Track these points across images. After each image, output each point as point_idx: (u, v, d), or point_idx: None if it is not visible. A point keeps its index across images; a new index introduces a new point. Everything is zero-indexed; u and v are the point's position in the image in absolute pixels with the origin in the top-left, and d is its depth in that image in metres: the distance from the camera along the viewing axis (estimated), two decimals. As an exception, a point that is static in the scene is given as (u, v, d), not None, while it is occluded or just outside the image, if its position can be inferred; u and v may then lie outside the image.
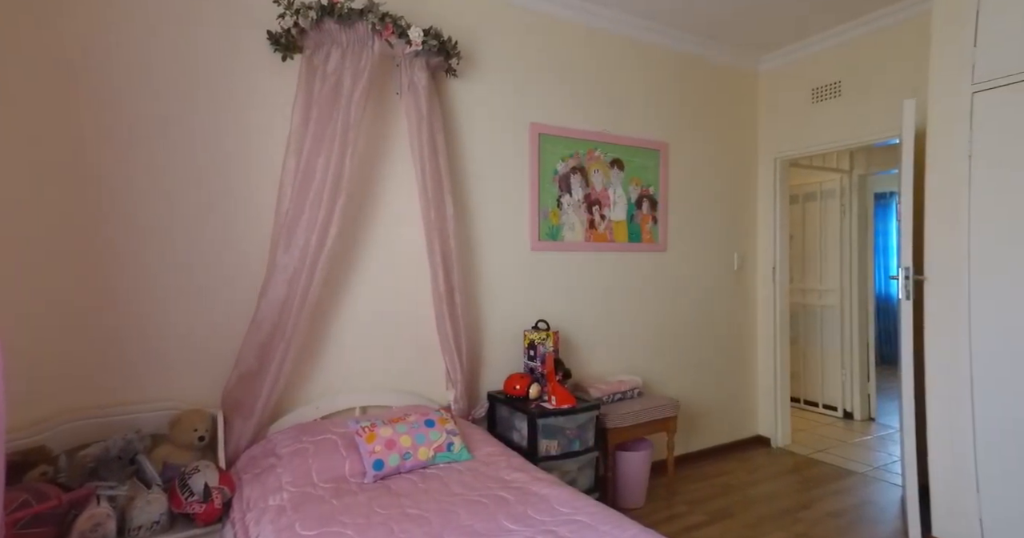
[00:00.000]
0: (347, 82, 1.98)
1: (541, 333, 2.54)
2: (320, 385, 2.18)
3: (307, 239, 1.97)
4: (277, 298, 1.93)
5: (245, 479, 1.69)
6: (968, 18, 2.16)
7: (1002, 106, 2.08)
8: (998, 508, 2.10)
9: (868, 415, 4.11)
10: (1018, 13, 2.03)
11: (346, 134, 1.98)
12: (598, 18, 2.88)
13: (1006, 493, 2.07)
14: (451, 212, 2.30)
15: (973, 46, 2.15)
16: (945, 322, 2.23)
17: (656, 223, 3.15)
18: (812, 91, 3.31)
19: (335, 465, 1.74)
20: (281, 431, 1.96)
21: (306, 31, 1.94)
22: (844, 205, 4.23)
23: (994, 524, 2.10)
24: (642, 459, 2.64)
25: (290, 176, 1.97)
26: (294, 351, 1.98)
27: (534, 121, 2.72)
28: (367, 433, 1.80)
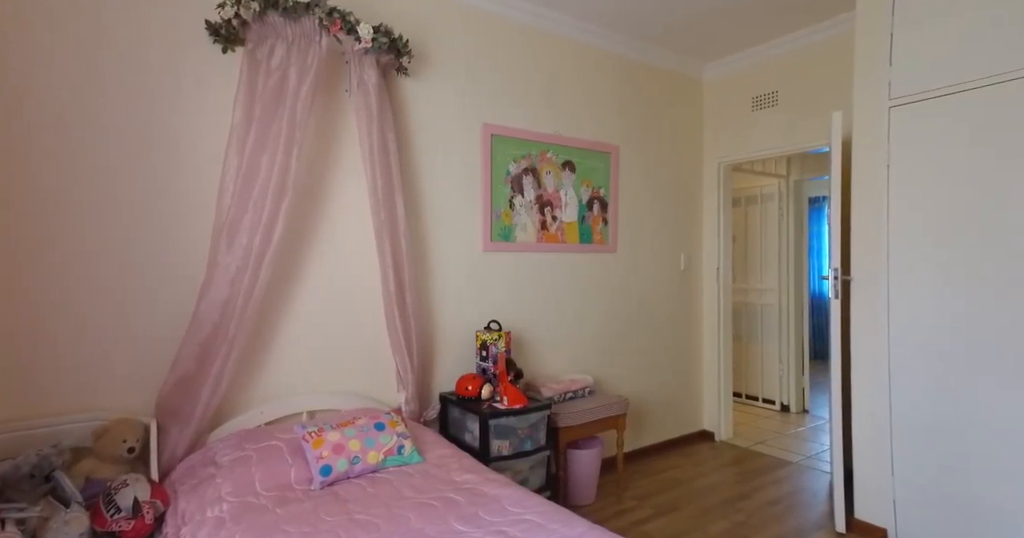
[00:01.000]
0: (293, 78, 1.92)
1: (493, 334, 2.55)
2: (265, 389, 2.11)
3: (251, 238, 1.89)
4: (218, 299, 1.85)
5: (181, 491, 1.61)
6: (883, 39, 2.33)
7: (913, 121, 2.25)
8: (908, 489, 2.27)
9: (803, 407, 4.35)
10: (923, 37, 2.21)
11: (292, 132, 1.92)
12: (549, 21, 2.92)
13: (915, 475, 2.25)
14: (402, 212, 2.28)
15: (888, 65, 2.31)
16: (868, 319, 2.40)
17: (607, 224, 3.22)
18: (752, 99, 3.47)
19: (280, 472, 1.68)
20: (222, 439, 1.87)
21: (248, 23, 1.87)
22: (782, 209, 4.46)
23: (904, 504, 2.28)
24: (593, 457, 2.69)
25: (232, 174, 1.89)
26: (237, 353, 1.90)
27: (486, 122, 2.72)
28: (314, 438, 1.75)
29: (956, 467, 2.13)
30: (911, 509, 2.26)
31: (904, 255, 2.28)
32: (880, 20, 2.34)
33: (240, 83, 1.91)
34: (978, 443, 2.08)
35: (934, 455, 2.19)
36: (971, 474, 2.09)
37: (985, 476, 2.06)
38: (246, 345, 1.98)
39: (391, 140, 2.24)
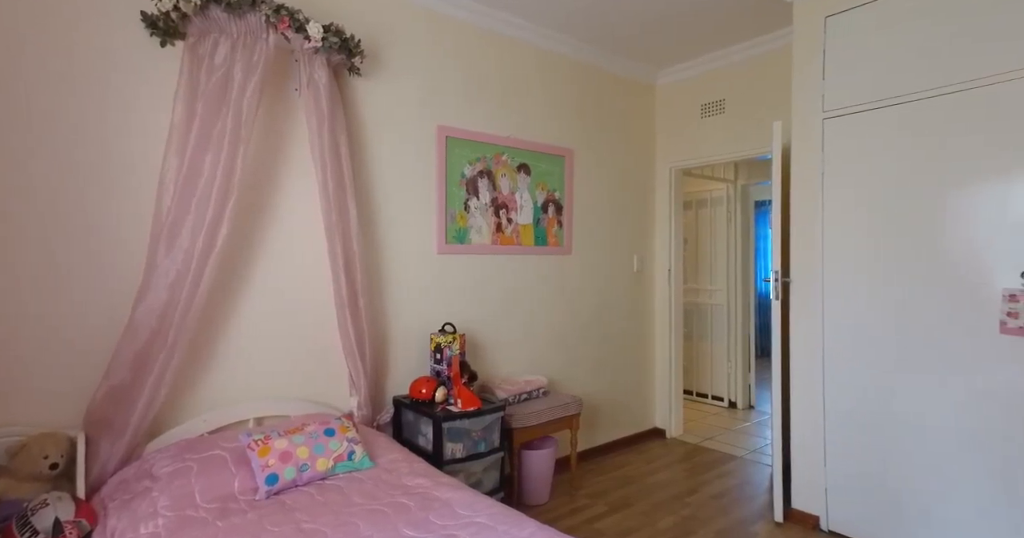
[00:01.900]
0: (238, 76, 1.86)
1: (448, 336, 2.54)
2: (209, 396, 2.03)
3: (193, 241, 1.82)
4: (157, 303, 1.77)
5: (112, 508, 1.53)
6: (817, 55, 2.46)
7: (844, 132, 2.39)
8: (837, 478, 2.41)
9: (749, 403, 4.54)
10: (850, 55, 2.35)
11: (237, 131, 1.86)
12: (504, 24, 2.93)
13: (844, 465, 2.39)
14: (354, 214, 2.24)
15: (822, 79, 2.45)
16: (805, 319, 2.53)
17: (561, 227, 3.26)
18: (701, 107, 3.59)
19: (222, 483, 1.63)
20: (160, 450, 1.79)
21: (189, 16, 1.80)
22: (730, 212, 4.64)
23: (834, 492, 2.42)
24: (547, 457, 2.73)
25: (172, 174, 1.82)
26: (177, 360, 1.82)
27: (441, 124, 2.71)
28: (260, 446, 1.71)
29: (879, 457, 2.28)
30: (840, 497, 2.40)
31: (837, 258, 2.42)
32: (814, 37, 2.47)
33: (180, 79, 1.84)
34: (898, 434, 2.23)
35: (861, 446, 2.34)
36: (891, 463, 2.24)
37: (903, 464, 2.21)
38: (188, 351, 1.91)
39: (343, 141, 2.20)
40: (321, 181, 2.15)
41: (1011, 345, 1.96)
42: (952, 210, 2.10)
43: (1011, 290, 1.96)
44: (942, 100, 2.12)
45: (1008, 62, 1.95)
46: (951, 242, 2.10)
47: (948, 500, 2.10)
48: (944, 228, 2.11)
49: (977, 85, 2.03)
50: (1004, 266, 1.98)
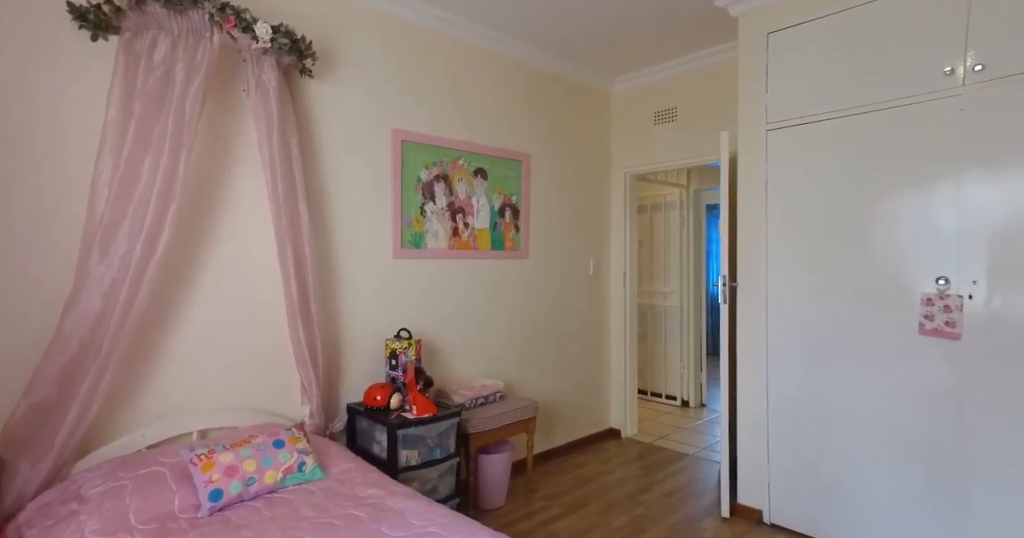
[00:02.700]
0: (180, 75, 1.78)
1: (403, 342, 2.52)
2: (150, 409, 1.94)
3: (130, 247, 1.74)
4: (89, 313, 1.68)
5: (30, 535, 1.43)
6: (761, 68, 2.58)
7: (784, 144, 2.51)
8: (779, 473, 2.53)
9: (700, 402, 4.69)
10: (790, 71, 2.47)
11: (180, 134, 1.78)
12: (461, 29, 2.93)
13: (785, 460, 2.51)
14: (306, 219, 2.19)
15: (765, 92, 2.56)
16: (751, 321, 2.64)
17: (518, 231, 3.28)
18: (654, 114, 3.68)
19: (161, 501, 1.56)
20: (90, 469, 1.69)
21: (123, 10, 1.71)
22: (683, 216, 4.78)
23: (776, 486, 2.54)
24: (503, 461, 2.74)
25: (106, 176, 1.72)
26: (113, 373, 1.73)
27: (396, 127, 2.69)
28: (204, 461, 1.65)
29: (815, 451, 2.41)
30: (781, 491, 2.52)
31: (780, 264, 2.53)
32: (758, 52, 2.58)
33: (115, 76, 1.74)
34: (831, 429, 2.36)
35: (799, 441, 2.46)
36: (825, 457, 2.37)
37: (835, 458, 2.34)
38: (126, 362, 1.82)
39: (294, 145, 2.15)
40: (271, 185, 2.09)
41: (928, 345, 2.11)
42: (879, 220, 2.23)
43: (928, 294, 2.11)
44: (867, 117, 2.26)
45: (917, 87, 2.10)
46: (879, 250, 2.23)
47: (874, 491, 2.24)
48: (873, 237, 2.25)
49: (894, 105, 2.18)
50: (923, 272, 2.12)
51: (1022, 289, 1.92)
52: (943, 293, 2.08)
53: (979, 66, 2.00)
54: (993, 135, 1.97)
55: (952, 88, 2.06)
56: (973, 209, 2.02)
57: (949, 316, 2.07)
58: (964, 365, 2.04)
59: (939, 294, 2.09)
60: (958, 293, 2.05)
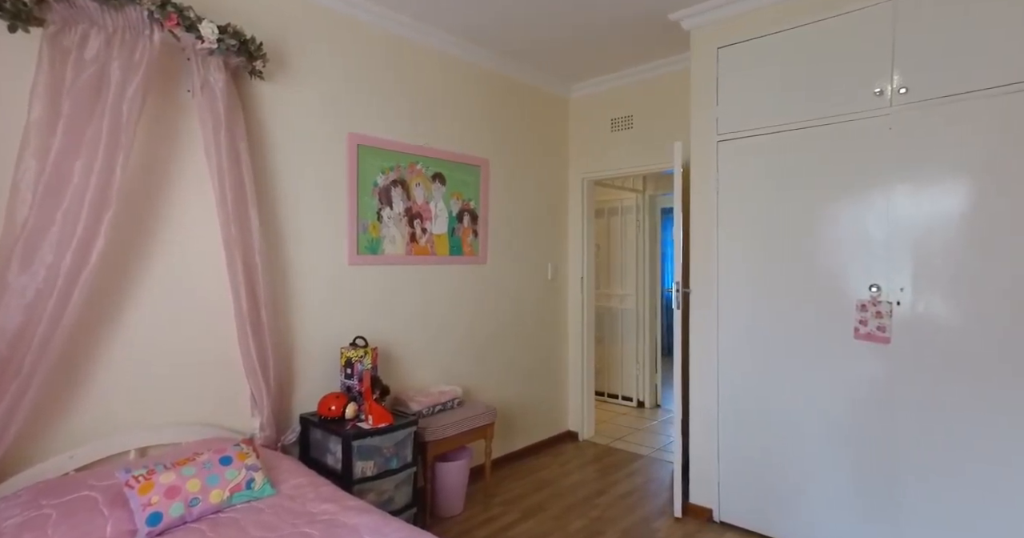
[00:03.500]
0: (116, 74, 1.69)
1: (359, 350, 2.47)
2: (80, 427, 1.83)
3: (59, 257, 1.63)
4: (9, 327, 1.55)
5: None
6: (711, 82, 2.67)
7: (734, 155, 2.61)
8: (728, 472, 2.63)
9: (655, 403, 4.81)
10: (738, 85, 2.57)
11: (116, 136, 1.69)
12: (419, 33, 2.90)
13: (734, 459, 2.61)
14: (257, 226, 2.11)
15: (716, 104, 2.65)
16: (702, 326, 2.72)
17: (477, 236, 3.28)
18: (611, 121, 3.75)
19: (91, 530, 1.45)
20: (7, 497, 1.56)
21: (47, 1, 1.59)
22: (639, 220, 4.89)
23: (726, 485, 2.63)
24: (461, 468, 2.73)
25: (29, 180, 1.60)
26: (36, 391, 1.61)
27: (352, 131, 2.63)
28: (142, 482, 1.56)
29: (761, 450, 2.51)
30: (731, 489, 2.62)
31: (730, 270, 2.63)
32: (708, 65, 2.67)
33: (39, 72, 1.61)
34: (776, 429, 2.46)
35: (746, 440, 2.56)
36: (770, 455, 2.48)
37: (779, 456, 2.45)
38: (52, 380, 1.71)
39: (243, 149, 2.07)
40: (219, 191, 2.01)
41: (862, 348, 2.24)
42: (821, 230, 2.35)
43: (862, 300, 2.23)
44: (807, 132, 2.37)
45: (851, 106, 2.23)
46: (821, 258, 2.35)
47: (813, 487, 2.36)
48: (815, 246, 2.36)
49: (832, 122, 2.30)
50: (858, 280, 2.25)
51: (940, 295, 2.07)
52: (875, 299, 2.21)
53: (904, 89, 2.13)
54: (916, 153, 2.11)
55: (881, 108, 2.19)
56: (900, 221, 2.15)
57: (880, 321, 2.20)
58: (893, 367, 2.17)
59: (872, 300, 2.22)
60: (888, 299, 2.18)
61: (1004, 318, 1.94)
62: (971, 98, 2.00)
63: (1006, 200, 1.94)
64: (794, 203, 2.42)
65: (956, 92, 2.02)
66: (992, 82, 1.96)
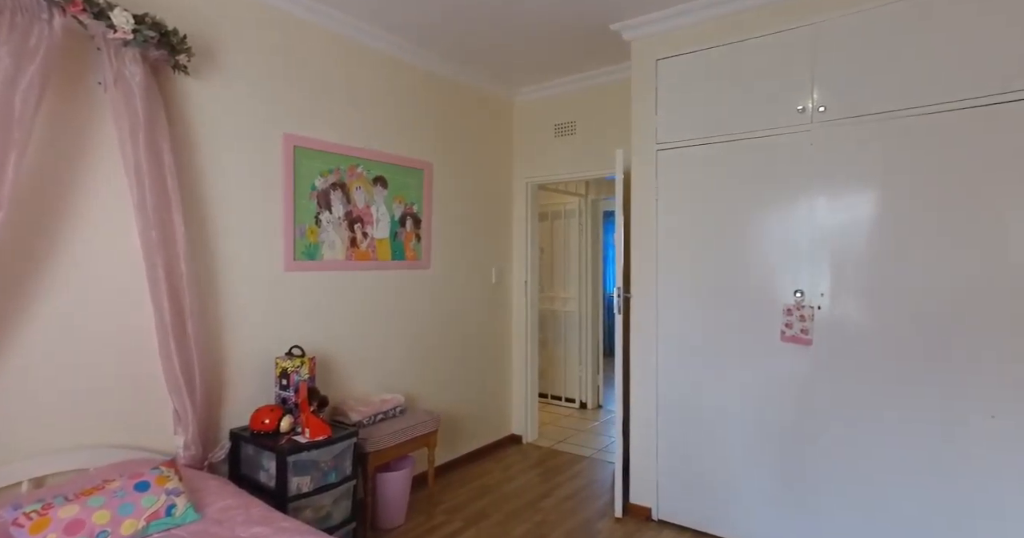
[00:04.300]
0: (6, 62, 1.51)
1: (295, 360, 2.37)
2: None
3: (-56, 265, 1.46)
4: None
5: None
6: (651, 92, 2.75)
7: (672, 163, 2.70)
8: (666, 471, 2.72)
9: (598, 403, 4.92)
10: (676, 96, 2.66)
11: (8, 132, 1.52)
12: (360, 33, 2.81)
13: (671, 458, 2.70)
14: (181, 231, 1.97)
15: (655, 114, 2.74)
16: (642, 329, 2.80)
17: (420, 241, 3.22)
18: (555, 126, 3.78)
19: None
20: None
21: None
22: (582, 224, 4.97)
23: (664, 484, 2.72)
24: (402, 478, 2.67)
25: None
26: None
27: (289, 132, 2.51)
28: (34, 519, 1.40)
29: (696, 448, 2.61)
30: (668, 488, 2.71)
31: (669, 276, 2.71)
32: (648, 76, 2.75)
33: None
34: (709, 428, 2.57)
35: (683, 440, 2.66)
36: (704, 453, 2.59)
37: (712, 454, 2.56)
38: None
39: (165, 149, 1.92)
40: (137, 193, 1.85)
41: (789, 350, 2.37)
42: (752, 237, 2.47)
43: (788, 305, 2.37)
44: (739, 144, 2.49)
45: (777, 121, 2.36)
46: (753, 264, 2.47)
47: (743, 483, 2.48)
48: (748, 252, 2.48)
49: (761, 135, 2.43)
50: (785, 285, 2.38)
51: (852, 299, 2.23)
52: (799, 304, 2.35)
53: (822, 107, 2.28)
54: (833, 168, 2.27)
55: (804, 124, 2.33)
56: (821, 230, 2.30)
57: (804, 324, 2.34)
58: (814, 367, 2.31)
59: (796, 305, 2.35)
60: (811, 304, 2.32)
61: (903, 321, 2.12)
62: (879, 119, 2.17)
63: (906, 213, 2.11)
64: (728, 212, 2.53)
65: (867, 112, 2.19)
66: (898, 105, 2.12)
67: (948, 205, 2.04)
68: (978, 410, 1.98)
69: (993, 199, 1.96)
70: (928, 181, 2.08)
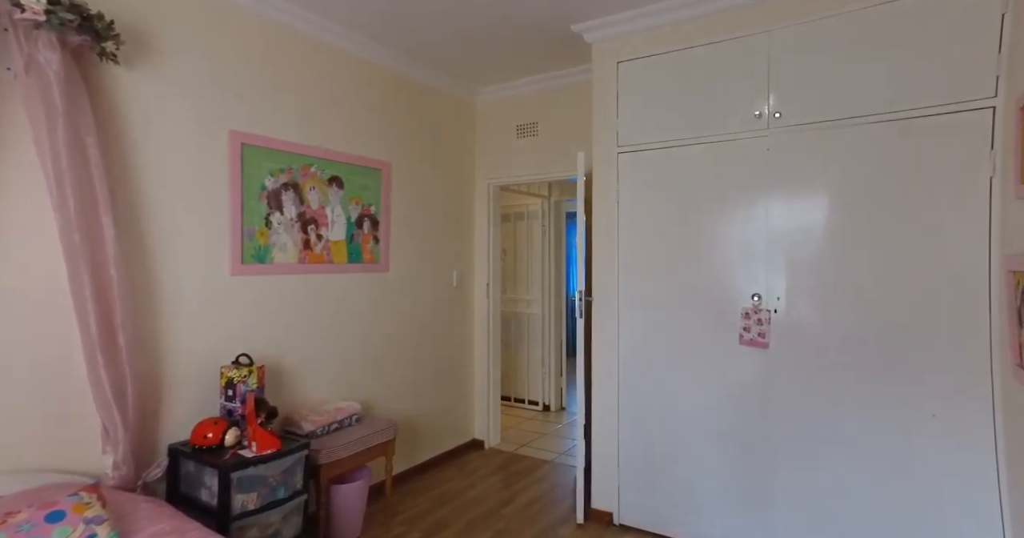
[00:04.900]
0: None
1: (242, 369, 2.24)
2: None
3: None
4: None
5: None
6: (612, 95, 2.73)
7: (633, 167, 2.69)
8: (627, 475, 2.71)
9: (560, 405, 4.91)
10: (636, 100, 2.65)
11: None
12: (310, 24, 2.69)
13: (633, 461, 2.69)
14: (111, 234, 1.83)
15: (616, 117, 2.72)
16: (604, 332, 2.78)
17: (378, 243, 3.12)
18: (517, 127, 3.74)
19: None
20: None
21: None
22: (545, 226, 4.95)
23: (625, 488, 2.71)
24: (358, 490, 2.57)
25: None
26: None
27: (235, 129, 2.38)
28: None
29: (657, 452, 2.61)
30: (629, 492, 2.70)
31: (630, 278, 2.70)
32: (609, 79, 2.74)
33: None
34: (670, 431, 2.57)
35: (645, 443, 2.65)
36: (666, 456, 2.59)
37: (673, 457, 2.56)
38: None
39: (91, 144, 1.77)
40: (57, 194, 1.70)
41: (747, 353, 2.40)
42: (713, 242, 2.48)
43: (746, 308, 2.39)
44: (699, 148, 2.50)
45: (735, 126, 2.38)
46: (713, 268, 2.48)
47: (702, 485, 2.49)
48: (708, 256, 2.49)
49: (720, 140, 2.44)
50: (744, 289, 2.40)
51: (806, 303, 2.26)
52: (757, 307, 2.37)
53: (778, 113, 2.31)
54: (788, 173, 2.30)
55: (760, 129, 2.35)
56: (777, 235, 2.33)
57: (761, 328, 2.36)
58: (771, 369, 2.34)
59: (754, 308, 2.38)
60: (767, 307, 2.35)
61: (855, 325, 2.16)
62: (827, 127, 2.21)
63: (854, 220, 2.16)
64: (689, 216, 2.54)
65: (816, 120, 2.23)
66: (841, 114, 2.18)
67: (891, 213, 2.10)
68: (922, 411, 2.04)
69: (931, 208, 2.03)
70: (872, 189, 2.14)
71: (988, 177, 1.94)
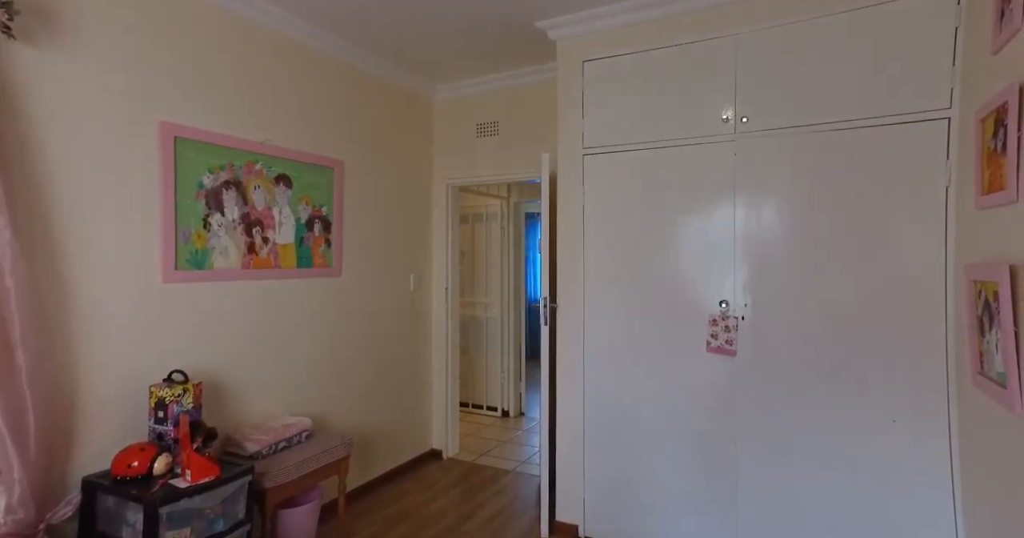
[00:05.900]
0: None
1: (176, 388, 2.02)
2: None
3: None
4: None
5: None
6: (577, 95, 2.66)
7: (598, 169, 2.62)
8: (592, 487, 2.64)
9: (520, 411, 4.82)
10: (602, 100, 2.59)
11: None
12: (253, 8, 2.47)
13: (598, 474, 2.63)
14: (7, 237, 1.58)
15: (582, 118, 2.65)
16: (569, 339, 2.70)
17: (329, 246, 2.92)
18: (477, 126, 3.61)
19: None
20: None
21: None
22: (504, 227, 4.84)
23: (591, 502, 2.64)
24: (308, 513, 2.39)
25: None
26: None
27: (167, 120, 2.14)
28: None
29: (623, 462, 2.55)
30: (596, 504, 2.63)
31: (596, 283, 2.63)
32: (574, 79, 2.66)
33: None
34: (636, 439, 2.53)
35: (611, 453, 2.59)
36: (632, 466, 2.53)
37: (639, 466, 2.52)
38: None
39: (-14, 132, 1.53)
40: (-57, 189, 1.45)
41: (714, 360, 2.37)
42: (679, 247, 2.44)
43: (713, 316, 2.37)
44: (666, 151, 2.46)
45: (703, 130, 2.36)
46: (679, 274, 2.44)
47: (668, 495, 2.45)
48: (674, 262, 2.45)
49: (687, 143, 2.41)
50: (711, 296, 2.38)
51: (771, 310, 2.26)
52: (724, 314, 2.36)
53: (744, 118, 2.30)
54: (754, 178, 2.29)
55: (728, 134, 2.33)
56: (744, 241, 2.32)
57: (728, 335, 2.35)
58: (738, 376, 2.33)
59: (721, 315, 2.36)
60: (735, 314, 2.34)
61: (820, 330, 2.17)
62: (790, 133, 2.21)
63: (817, 227, 2.17)
64: (656, 221, 2.49)
65: (780, 126, 2.23)
66: (811, 120, 2.18)
67: (852, 221, 2.12)
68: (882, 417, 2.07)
69: (889, 215, 2.06)
70: (833, 196, 2.15)
71: (944, 186, 1.98)
